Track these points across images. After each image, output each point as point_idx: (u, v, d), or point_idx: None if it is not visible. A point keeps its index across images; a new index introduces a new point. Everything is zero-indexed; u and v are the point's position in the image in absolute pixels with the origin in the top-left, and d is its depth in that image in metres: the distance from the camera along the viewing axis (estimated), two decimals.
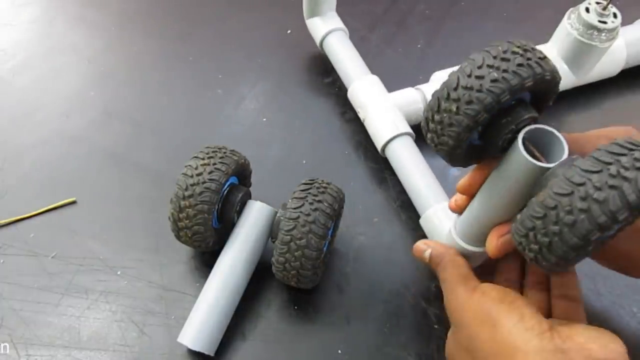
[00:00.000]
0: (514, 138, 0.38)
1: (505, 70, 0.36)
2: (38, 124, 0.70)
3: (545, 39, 0.68)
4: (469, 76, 0.37)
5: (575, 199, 0.32)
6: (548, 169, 0.36)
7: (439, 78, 0.66)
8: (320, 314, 0.54)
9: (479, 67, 0.37)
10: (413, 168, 0.60)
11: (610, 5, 0.62)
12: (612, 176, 0.31)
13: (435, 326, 0.53)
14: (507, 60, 0.37)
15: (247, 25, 0.82)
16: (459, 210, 0.47)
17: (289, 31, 0.81)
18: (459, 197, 0.47)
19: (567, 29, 0.64)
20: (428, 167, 0.60)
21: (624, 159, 0.32)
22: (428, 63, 0.77)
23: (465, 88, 0.37)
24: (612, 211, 0.31)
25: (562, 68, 0.67)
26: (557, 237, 0.33)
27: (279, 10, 0.84)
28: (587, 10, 0.62)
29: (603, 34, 0.62)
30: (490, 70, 0.37)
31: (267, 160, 0.66)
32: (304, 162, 0.66)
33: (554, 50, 0.67)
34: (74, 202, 0.62)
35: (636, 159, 0.32)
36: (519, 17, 0.84)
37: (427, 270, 0.57)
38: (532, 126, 0.38)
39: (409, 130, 0.62)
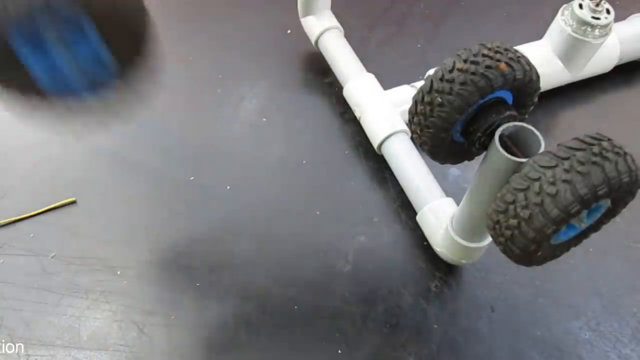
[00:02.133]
0: (493, 135, 0.40)
1: (473, 73, 0.38)
2: (37, 124, 0.70)
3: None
4: (441, 80, 0.39)
5: (531, 193, 0.33)
6: (521, 163, 0.37)
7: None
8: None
9: (450, 71, 0.39)
10: (409, 165, 0.60)
11: (603, 1, 0.63)
12: (566, 171, 0.32)
13: (435, 326, 0.53)
14: (476, 63, 0.38)
15: (247, 26, 0.82)
16: None
17: (289, 31, 0.81)
18: None
19: (560, 25, 0.64)
20: (424, 165, 0.60)
21: (580, 154, 0.33)
22: (428, 63, 0.77)
23: (437, 91, 0.39)
24: (564, 205, 0.32)
25: (556, 64, 0.67)
26: (517, 231, 0.35)
27: (278, 10, 0.84)
28: (581, 6, 0.62)
29: (596, 30, 0.62)
30: (459, 73, 0.39)
31: (267, 160, 0.66)
32: (304, 161, 0.66)
33: (548, 46, 0.67)
34: (74, 202, 0.62)
35: (594, 154, 0.33)
36: (518, 16, 0.84)
37: (427, 270, 0.57)
38: (510, 124, 0.39)
39: (405, 127, 0.62)
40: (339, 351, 0.52)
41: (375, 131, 0.63)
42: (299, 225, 0.60)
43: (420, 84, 0.66)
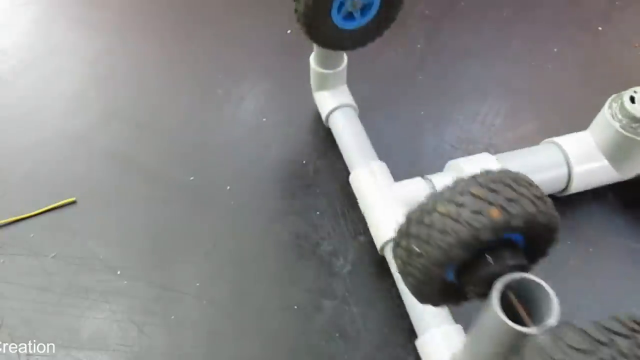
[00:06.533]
0: (492, 286, 0.32)
1: (455, 219, 0.31)
2: (38, 124, 0.70)
3: (542, 39, 0.67)
4: (418, 222, 0.32)
5: None
6: (525, 334, 0.30)
7: (454, 167, 0.58)
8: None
9: (429, 212, 0.32)
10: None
11: None
12: None
13: None
14: (461, 205, 0.31)
15: (247, 26, 0.82)
16: None
17: (288, 31, 0.81)
18: None
19: (607, 119, 0.55)
20: None
21: (621, 342, 0.25)
22: (428, 63, 0.77)
23: (414, 237, 0.33)
24: None
25: (602, 162, 0.58)
26: None
27: (278, 11, 0.84)
28: (632, 100, 0.53)
29: None
30: (440, 216, 0.31)
31: (267, 160, 0.66)
32: (304, 162, 0.66)
33: (591, 140, 0.58)
34: (74, 202, 0.62)
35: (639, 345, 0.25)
36: (518, 18, 0.84)
37: None
38: (517, 275, 0.31)
39: None
40: (342, 351, 0.52)
41: (379, 232, 0.55)
42: (299, 225, 0.60)
43: (435, 176, 0.57)
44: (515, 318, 0.31)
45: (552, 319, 0.30)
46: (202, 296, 0.55)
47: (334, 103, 0.65)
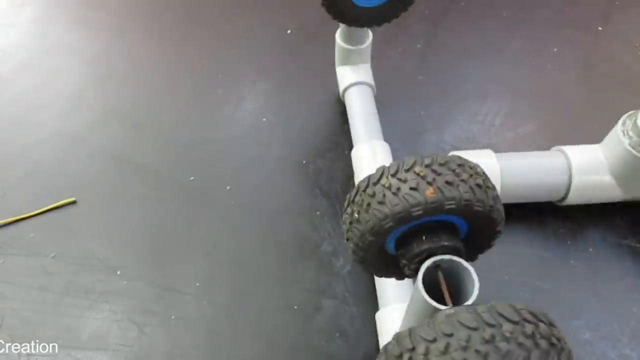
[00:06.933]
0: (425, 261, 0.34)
1: (394, 193, 0.33)
2: (38, 124, 0.70)
3: (542, 39, 0.67)
4: (364, 191, 0.35)
5: (433, 349, 0.27)
6: (438, 310, 0.31)
7: None
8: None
9: (374, 183, 0.34)
10: None
11: None
12: (486, 341, 0.26)
13: None
14: (404, 180, 0.33)
15: (247, 26, 0.82)
16: None
17: (288, 31, 0.81)
18: None
19: (618, 135, 0.53)
20: None
21: (508, 327, 0.27)
22: (428, 63, 0.77)
23: (357, 204, 0.35)
24: None
25: (607, 178, 0.56)
26: None
27: (278, 11, 0.84)
28: None
29: None
30: (382, 189, 0.34)
31: (267, 160, 0.66)
32: (304, 162, 0.66)
33: (600, 155, 0.56)
34: (74, 202, 0.62)
35: (525, 333, 0.26)
36: (518, 18, 0.84)
37: None
38: (446, 257, 0.33)
39: None
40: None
41: None
42: (299, 225, 0.60)
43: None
44: (441, 296, 0.33)
45: (469, 301, 0.32)
46: (202, 296, 0.55)
47: (353, 79, 0.67)
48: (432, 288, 0.34)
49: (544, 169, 0.58)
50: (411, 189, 0.32)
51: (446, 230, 0.35)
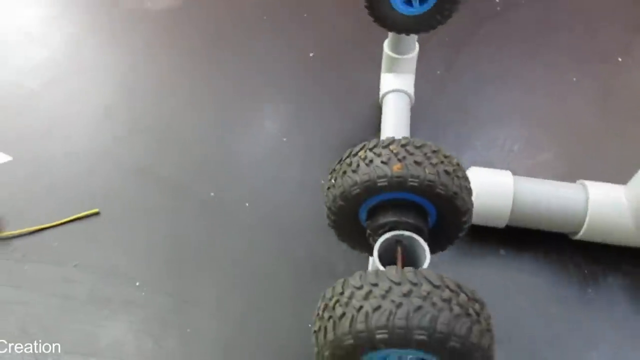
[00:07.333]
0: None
1: (367, 163, 0.37)
2: (65, 137, 0.72)
3: (561, 69, 0.67)
4: (347, 158, 0.40)
5: (357, 294, 0.31)
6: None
7: (475, 174, 0.59)
8: None
9: (355, 154, 0.39)
10: None
11: None
12: (403, 294, 0.29)
13: None
14: (378, 154, 0.37)
15: (271, 48, 0.84)
16: None
17: (311, 54, 0.83)
18: None
19: None
20: None
21: (427, 287, 0.30)
22: (447, 89, 0.78)
23: (335, 171, 0.40)
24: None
25: (624, 221, 0.54)
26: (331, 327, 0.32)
27: (301, 34, 0.86)
28: None
29: None
30: (358, 159, 0.38)
31: (286, 180, 0.67)
32: (322, 182, 0.67)
33: (622, 195, 0.54)
34: (97, 214, 0.63)
35: (442, 297, 0.29)
36: (537, 46, 0.84)
37: None
38: (407, 233, 0.37)
39: None
40: None
41: None
42: (315, 245, 0.61)
43: None
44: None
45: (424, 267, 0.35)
46: (218, 310, 0.55)
47: (393, 85, 0.69)
48: (392, 263, 0.36)
49: (558, 199, 0.56)
50: (382, 162, 0.36)
51: (414, 210, 0.37)
